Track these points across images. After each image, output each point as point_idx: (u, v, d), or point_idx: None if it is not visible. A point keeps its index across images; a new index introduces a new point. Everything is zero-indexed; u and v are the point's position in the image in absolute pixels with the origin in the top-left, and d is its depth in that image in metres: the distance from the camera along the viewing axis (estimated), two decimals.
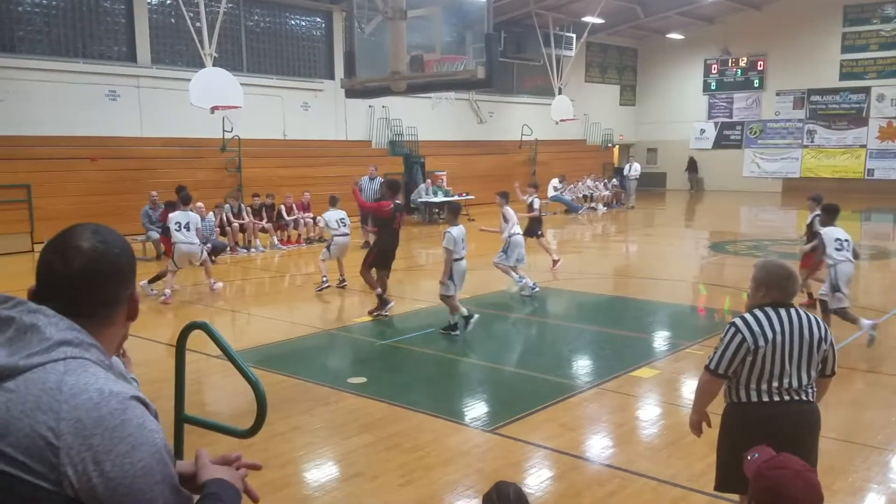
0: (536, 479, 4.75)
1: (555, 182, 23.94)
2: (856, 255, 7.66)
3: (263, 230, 15.97)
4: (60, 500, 1.23)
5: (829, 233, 7.60)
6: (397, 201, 9.51)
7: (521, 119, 27.96)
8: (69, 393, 1.25)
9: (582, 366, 7.61)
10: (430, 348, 7.96)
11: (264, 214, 16.07)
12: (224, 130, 18.13)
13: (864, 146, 29.12)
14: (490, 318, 10.00)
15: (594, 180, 26.07)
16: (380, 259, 9.39)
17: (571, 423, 5.73)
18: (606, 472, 4.86)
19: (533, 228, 12.64)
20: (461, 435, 5.48)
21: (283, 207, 16.44)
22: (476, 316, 8.36)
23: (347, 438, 5.40)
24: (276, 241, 16.07)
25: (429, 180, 21.50)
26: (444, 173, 22.81)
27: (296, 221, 16.51)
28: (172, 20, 18.44)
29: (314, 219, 16.81)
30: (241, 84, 15.65)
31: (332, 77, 21.73)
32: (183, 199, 11.06)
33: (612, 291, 11.77)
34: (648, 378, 6.86)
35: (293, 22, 21.58)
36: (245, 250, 15.43)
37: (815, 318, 3.27)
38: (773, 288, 3.30)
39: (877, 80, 28.44)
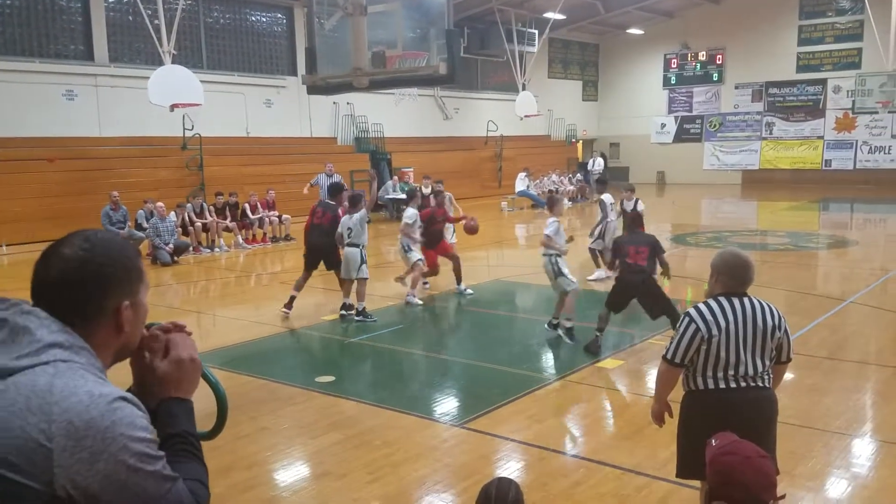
0: (504, 471, 4.78)
1: (521, 176, 24.06)
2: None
3: (227, 229, 15.79)
4: (49, 500, 1.25)
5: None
6: (328, 201, 9.57)
7: (486, 115, 28.04)
8: (59, 395, 1.27)
9: (549, 358, 7.67)
10: (399, 345, 7.96)
11: (228, 213, 15.88)
12: (185, 128, 17.89)
13: (821, 137, 29.78)
14: (459, 312, 10.03)
15: (559, 175, 26.26)
16: (305, 258, 9.39)
17: (539, 415, 5.78)
18: (572, 462, 4.92)
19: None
20: (430, 430, 5.49)
21: (247, 206, 16.28)
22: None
23: (315, 438, 5.38)
24: (241, 241, 15.90)
25: (395, 177, 21.46)
26: (411, 170, 22.78)
27: (260, 220, 16.35)
28: (130, 17, 18.12)
29: (279, 217, 16.70)
30: (202, 81, 15.46)
31: (294, 73, 21.56)
32: None
33: (579, 285, 11.86)
34: (613, 369, 6.95)
35: (253, 18, 21.35)
36: (209, 250, 15.24)
37: (770, 307, 3.34)
38: (727, 277, 3.37)
39: (833, 71, 29.09)
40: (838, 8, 28.65)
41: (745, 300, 3.33)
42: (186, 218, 15.02)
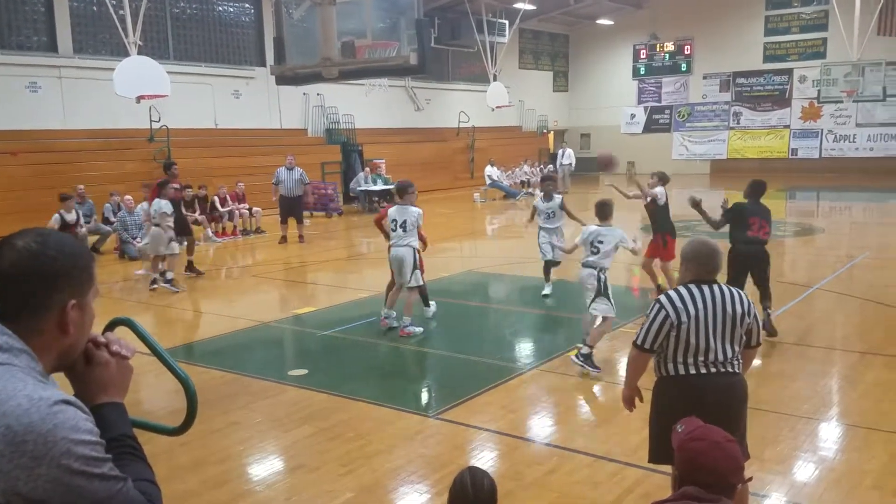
0: (479, 461, 4.79)
1: (489, 169, 24.07)
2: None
3: (196, 222, 15.56)
4: None
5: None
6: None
7: (457, 106, 28.00)
8: None
9: (522, 348, 7.71)
10: (372, 337, 7.93)
11: (197, 206, 15.67)
12: (151, 120, 17.61)
13: (787, 126, 30.23)
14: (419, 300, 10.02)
15: (531, 166, 26.34)
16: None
17: (512, 405, 5.81)
18: (546, 450, 4.95)
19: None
20: (404, 422, 5.49)
21: (216, 198, 16.08)
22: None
23: (288, 431, 5.34)
24: (211, 234, 15.70)
25: (367, 168, 21.35)
26: (383, 161, 22.67)
27: (230, 213, 16.17)
28: (94, 8, 17.75)
29: (249, 209, 16.53)
30: (168, 72, 15.22)
31: (263, 64, 21.30)
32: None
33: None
34: None
35: (221, 8, 21.05)
36: (175, 243, 15.00)
37: (739, 293, 3.39)
38: (695, 265, 3.43)
39: (798, 61, 29.50)
40: None
41: (715, 287, 3.38)
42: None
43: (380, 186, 20.96)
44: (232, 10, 21.29)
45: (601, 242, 6.70)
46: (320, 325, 8.44)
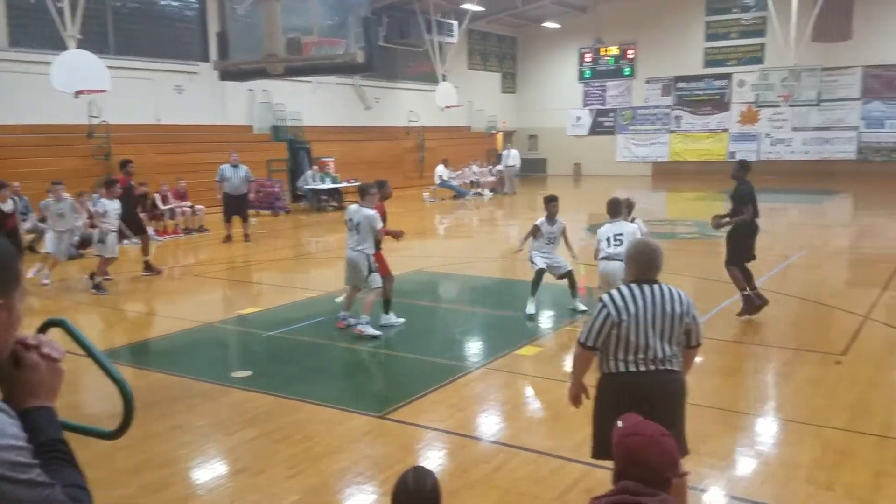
0: (426, 460, 4.80)
1: (440, 169, 24.12)
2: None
3: None
4: None
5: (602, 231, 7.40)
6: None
7: (407, 105, 27.97)
8: None
9: (471, 347, 7.74)
10: (320, 337, 7.86)
11: (138, 204, 15.28)
12: (91, 116, 17.10)
13: (726, 130, 31.09)
14: (381, 303, 9.98)
15: (480, 166, 26.50)
16: None
17: (460, 404, 5.83)
18: (492, 448, 4.99)
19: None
20: (351, 423, 5.45)
21: (157, 196, 15.71)
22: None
23: (231, 434, 5.25)
24: (152, 232, 15.31)
25: (315, 166, 21.15)
26: (332, 159, 22.50)
27: (172, 211, 15.82)
28: (31, 0, 17.12)
29: (192, 207, 16.21)
30: (109, 67, 14.86)
31: (207, 59, 20.85)
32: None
33: (500, 274, 12.03)
34: (531, 356, 7.08)
35: (164, 2, 20.58)
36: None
37: (679, 293, 3.48)
38: (636, 264, 3.51)
39: (737, 66, 30.37)
40: (743, 4, 29.90)
41: (656, 287, 3.46)
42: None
43: (328, 185, 20.79)
44: (175, 3, 20.82)
45: (620, 234, 7.10)
46: (266, 326, 8.33)
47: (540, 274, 8.33)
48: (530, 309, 8.30)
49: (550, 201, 8.44)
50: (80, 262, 12.58)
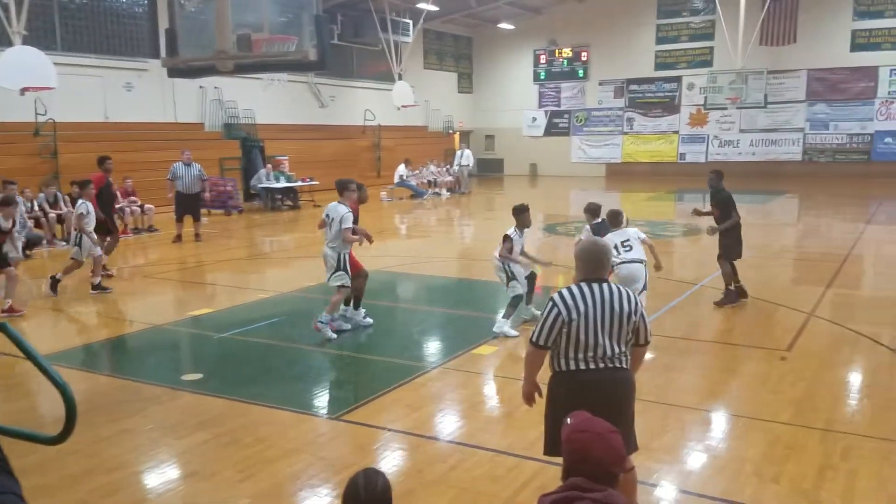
0: (382, 460, 4.79)
1: (401, 169, 24.07)
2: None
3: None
4: None
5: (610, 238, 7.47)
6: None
7: (363, 104, 27.83)
8: None
9: (428, 347, 7.73)
10: (273, 339, 7.76)
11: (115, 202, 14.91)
12: (37, 113, 16.61)
13: (676, 132, 31.71)
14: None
15: (437, 166, 26.53)
16: None
17: (416, 404, 5.82)
18: (448, 447, 4.99)
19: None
20: (305, 425, 5.40)
21: None
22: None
23: (181, 438, 5.15)
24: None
25: (269, 165, 20.90)
26: (286, 158, 22.26)
27: (121, 210, 15.45)
28: None
29: (141, 206, 15.87)
30: (56, 63, 14.50)
31: (157, 56, 20.46)
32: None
33: (457, 274, 12.06)
34: (488, 355, 7.11)
35: None
36: (64, 243, 14.26)
37: (627, 292, 3.53)
38: (584, 264, 3.56)
39: (687, 69, 30.99)
40: (692, 8, 30.54)
41: (605, 286, 3.51)
42: (38, 208, 14.00)
43: (282, 184, 20.56)
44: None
45: (627, 240, 7.57)
46: (218, 328, 8.20)
47: (519, 299, 7.79)
48: (513, 332, 7.61)
49: (522, 212, 7.96)
50: (26, 264, 12.22)
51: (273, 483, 4.46)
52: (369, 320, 8.15)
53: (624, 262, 7.46)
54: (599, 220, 8.30)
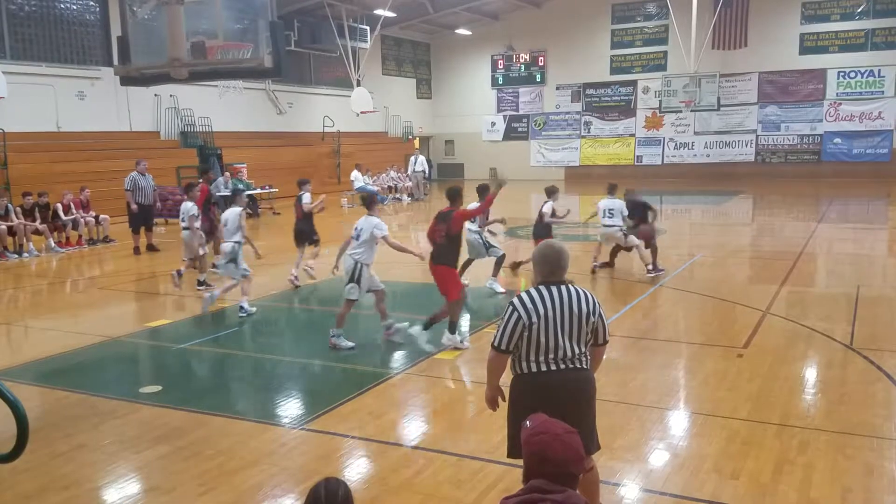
0: (346, 468, 4.76)
1: (354, 174, 23.95)
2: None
3: (37, 232, 14.45)
4: None
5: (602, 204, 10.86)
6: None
7: (321, 110, 27.69)
8: None
9: (391, 353, 7.69)
10: (234, 349, 7.66)
11: (38, 215, 14.55)
12: None
13: (633, 135, 32.20)
14: (296, 311, 9.83)
15: (397, 171, 26.50)
16: None
17: (379, 410, 5.80)
18: (412, 453, 4.98)
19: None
20: (267, 435, 5.34)
21: (59, 206, 14.99)
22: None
23: (139, 452, 5.05)
24: (53, 244, 14.62)
25: (227, 173, 20.63)
26: (244, 165, 22.01)
27: (74, 221, 15.12)
28: None
29: (96, 217, 15.55)
30: (4, 73, 14.16)
31: (110, 64, 20.08)
32: None
33: (421, 279, 12.02)
34: (451, 359, 7.12)
35: (63, 5, 19.69)
36: (16, 255, 13.90)
37: (585, 293, 3.57)
38: (541, 266, 3.58)
39: (642, 73, 31.51)
40: (646, 13, 31.07)
41: (563, 288, 3.53)
42: None
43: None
44: (75, 6, 19.96)
45: (613, 208, 10.78)
46: (176, 339, 8.06)
47: (503, 258, 10.56)
48: (499, 287, 10.21)
49: (484, 190, 9.20)
50: None
51: (235, 495, 4.39)
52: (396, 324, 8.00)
53: (606, 226, 10.83)
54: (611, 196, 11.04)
